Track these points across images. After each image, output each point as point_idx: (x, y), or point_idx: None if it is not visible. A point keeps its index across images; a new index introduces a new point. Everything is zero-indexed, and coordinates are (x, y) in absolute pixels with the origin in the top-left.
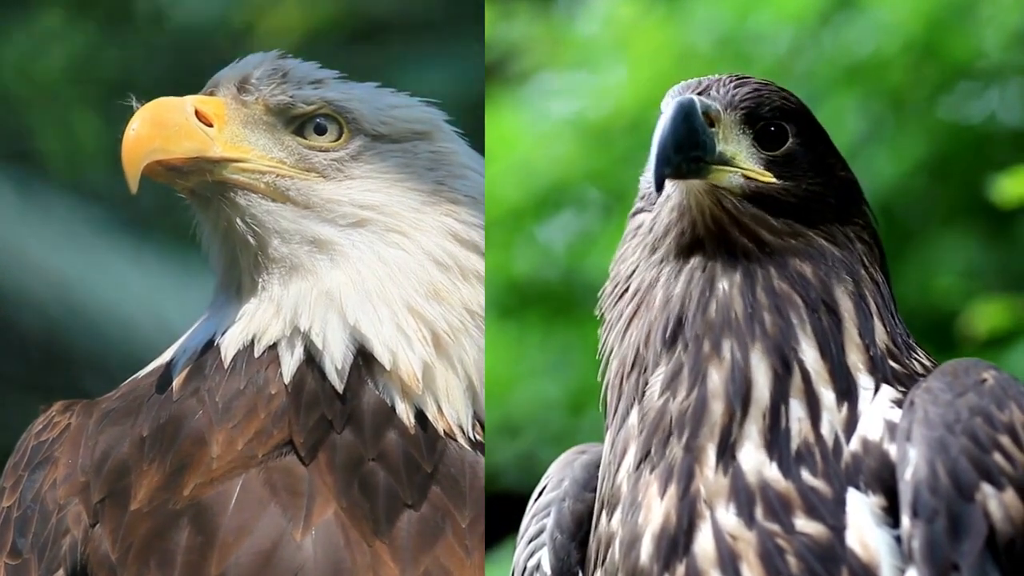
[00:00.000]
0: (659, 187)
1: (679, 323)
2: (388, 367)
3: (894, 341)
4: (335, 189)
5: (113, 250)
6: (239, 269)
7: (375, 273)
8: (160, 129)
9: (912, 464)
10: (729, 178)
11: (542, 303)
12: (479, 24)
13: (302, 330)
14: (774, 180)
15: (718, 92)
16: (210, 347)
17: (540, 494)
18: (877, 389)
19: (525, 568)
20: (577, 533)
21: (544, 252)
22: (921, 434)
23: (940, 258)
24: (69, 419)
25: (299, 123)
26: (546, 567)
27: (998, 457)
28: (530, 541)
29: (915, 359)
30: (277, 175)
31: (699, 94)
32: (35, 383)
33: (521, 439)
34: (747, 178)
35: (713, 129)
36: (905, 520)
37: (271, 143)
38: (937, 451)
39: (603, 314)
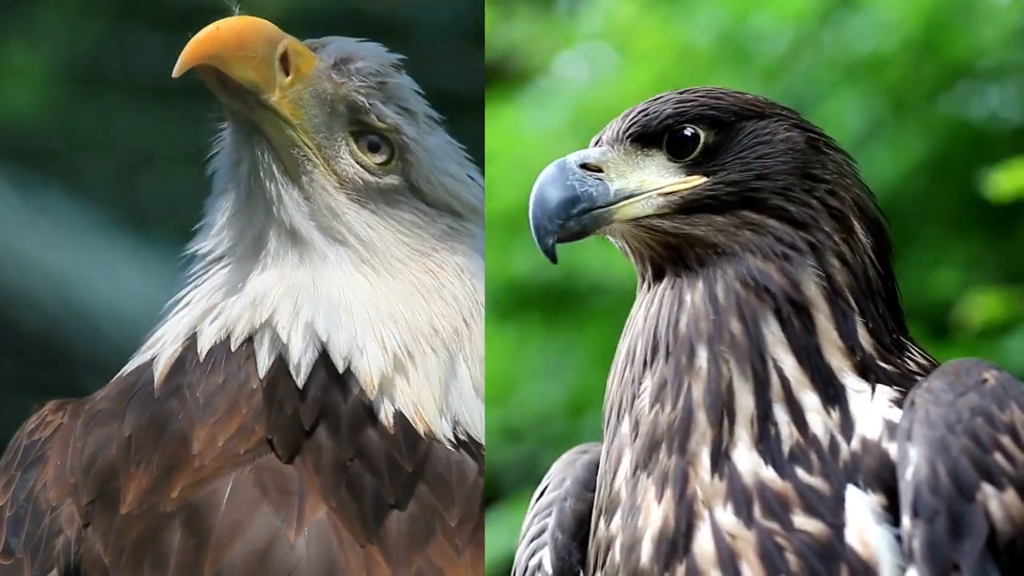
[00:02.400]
0: (552, 259)
1: (656, 338)
2: (340, 370)
3: (880, 341)
4: (340, 204)
5: (113, 249)
6: (248, 223)
7: (349, 279)
8: (239, 47)
9: (913, 464)
10: (644, 205)
11: (541, 303)
12: (479, 24)
13: (272, 324)
14: (700, 180)
15: (607, 134)
16: (189, 344)
17: (542, 493)
18: (873, 391)
19: (527, 567)
20: (578, 532)
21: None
22: (922, 434)
23: (939, 255)
24: (61, 418)
25: (360, 128)
26: (547, 566)
27: (999, 457)
28: (532, 540)
29: (907, 357)
30: (306, 157)
31: (596, 144)
32: (34, 382)
33: (522, 444)
34: (667, 194)
35: (601, 174)
36: (906, 520)
37: (323, 125)
38: (938, 451)
39: None
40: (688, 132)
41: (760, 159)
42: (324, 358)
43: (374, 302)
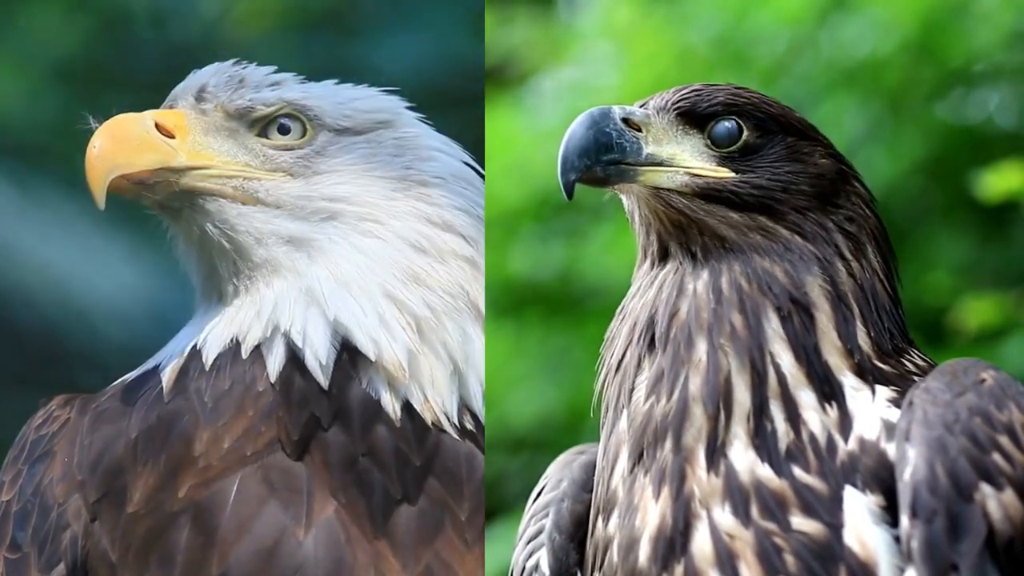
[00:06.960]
0: (568, 194)
1: (654, 326)
2: (373, 358)
3: (880, 346)
4: (304, 186)
5: (110, 245)
6: (219, 277)
7: (353, 264)
8: (122, 144)
9: (911, 464)
10: (669, 178)
11: (539, 303)
12: (479, 25)
13: (282, 329)
14: (728, 174)
15: (654, 101)
16: (195, 352)
17: (539, 495)
18: (872, 391)
19: (524, 568)
20: (576, 534)
21: (542, 252)
22: (920, 434)
23: (935, 256)
24: (68, 413)
25: (262, 125)
26: (544, 568)
27: (997, 457)
28: (529, 541)
29: (906, 359)
30: (244, 178)
31: (641, 107)
32: (31, 378)
33: (522, 451)
34: (694, 175)
35: (640, 133)
36: (904, 520)
37: (235, 148)
38: (936, 451)
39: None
40: (732, 124)
41: (790, 174)
42: (342, 354)
43: (386, 265)
